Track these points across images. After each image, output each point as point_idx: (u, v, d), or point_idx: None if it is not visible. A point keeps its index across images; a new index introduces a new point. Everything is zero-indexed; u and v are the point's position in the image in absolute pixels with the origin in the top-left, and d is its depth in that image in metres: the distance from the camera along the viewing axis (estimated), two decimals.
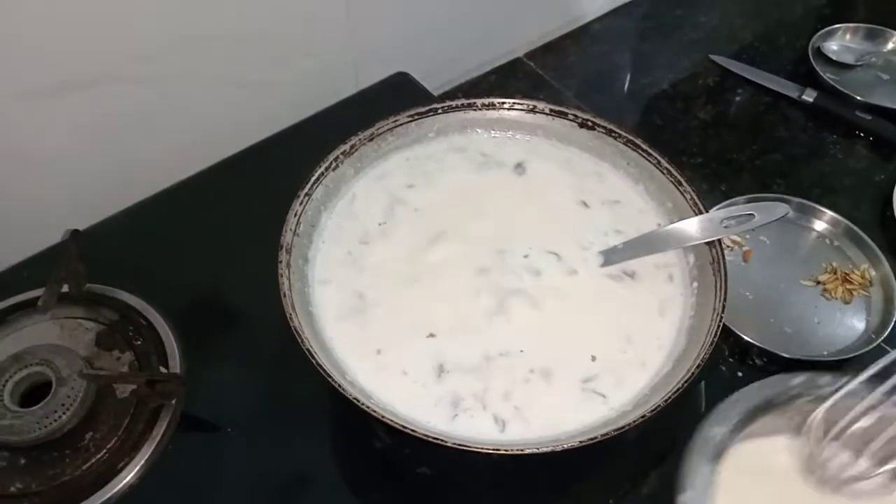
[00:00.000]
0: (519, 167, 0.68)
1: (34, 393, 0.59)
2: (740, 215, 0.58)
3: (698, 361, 0.50)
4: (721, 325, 0.53)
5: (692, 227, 0.60)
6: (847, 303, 0.75)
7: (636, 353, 0.56)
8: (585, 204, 0.66)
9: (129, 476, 0.58)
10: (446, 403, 0.54)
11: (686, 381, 0.49)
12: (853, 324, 0.74)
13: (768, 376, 0.69)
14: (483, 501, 0.60)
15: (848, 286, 0.76)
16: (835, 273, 0.77)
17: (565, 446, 0.46)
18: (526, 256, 0.62)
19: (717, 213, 0.59)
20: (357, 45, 0.84)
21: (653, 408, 0.48)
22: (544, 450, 0.46)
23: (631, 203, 0.65)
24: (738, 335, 0.70)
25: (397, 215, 0.65)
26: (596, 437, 0.47)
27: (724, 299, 0.54)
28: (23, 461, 0.58)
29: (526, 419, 0.52)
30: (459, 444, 0.47)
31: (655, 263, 0.62)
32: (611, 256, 0.61)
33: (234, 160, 0.81)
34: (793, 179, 0.87)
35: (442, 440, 0.47)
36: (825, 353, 0.71)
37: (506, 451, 0.47)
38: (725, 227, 0.58)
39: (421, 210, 0.65)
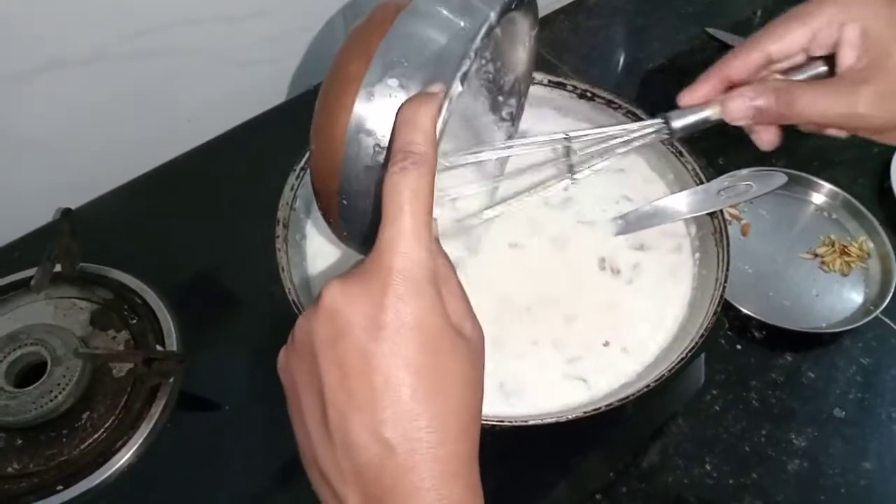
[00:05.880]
0: None
1: (30, 373, 0.59)
2: (738, 185, 0.57)
3: (701, 331, 0.50)
4: (724, 294, 0.53)
5: (688, 198, 0.59)
6: (845, 275, 0.75)
7: (638, 324, 0.56)
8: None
9: (127, 455, 0.57)
10: None
11: (689, 351, 0.49)
12: (851, 296, 0.74)
13: (768, 350, 0.69)
14: (487, 476, 0.60)
15: (846, 258, 0.76)
16: (833, 246, 0.77)
17: (570, 417, 0.46)
18: None
19: (713, 184, 0.58)
20: (351, 23, 0.83)
21: (656, 378, 0.48)
22: (549, 421, 0.46)
23: (637, 171, 0.64)
24: (738, 308, 0.70)
25: None
26: (600, 408, 0.46)
27: (727, 269, 0.54)
28: (20, 442, 0.58)
29: (535, 392, 0.52)
30: None
31: (664, 232, 0.61)
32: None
33: (230, 136, 0.80)
34: (791, 153, 0.86)
35: None
36: (824, 324, 0.71)
37: (510, 422, 0.46)
38: (722, 197, 0.57)
39: None
